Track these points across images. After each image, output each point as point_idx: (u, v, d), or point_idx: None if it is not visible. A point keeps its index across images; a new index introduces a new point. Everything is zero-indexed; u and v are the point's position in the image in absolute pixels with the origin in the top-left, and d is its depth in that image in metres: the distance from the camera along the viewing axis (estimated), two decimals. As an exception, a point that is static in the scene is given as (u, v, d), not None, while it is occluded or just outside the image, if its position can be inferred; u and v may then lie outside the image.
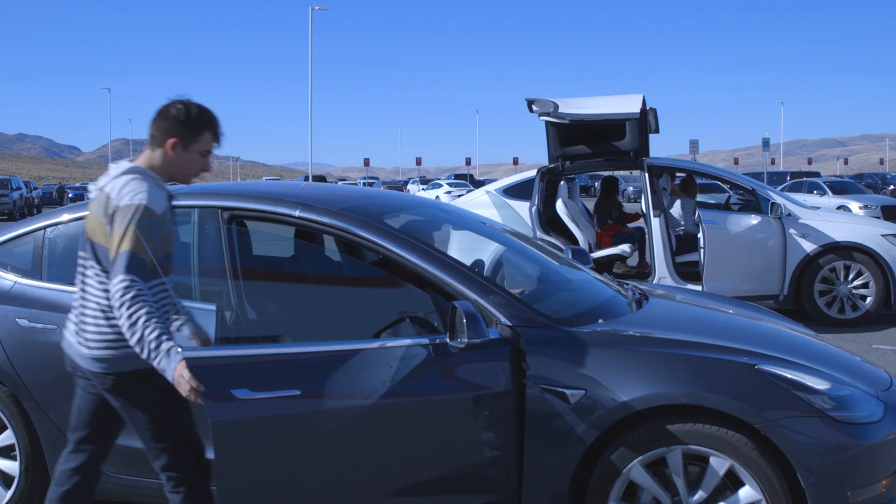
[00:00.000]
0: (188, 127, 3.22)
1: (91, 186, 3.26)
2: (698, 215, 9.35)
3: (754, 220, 9.37)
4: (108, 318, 3.13)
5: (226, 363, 3.13)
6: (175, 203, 3.37)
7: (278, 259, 4.37)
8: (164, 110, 3.25)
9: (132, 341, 2.91)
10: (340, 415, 3.25)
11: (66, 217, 4.24)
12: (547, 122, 9.86)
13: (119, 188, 3.09)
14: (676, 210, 10.47)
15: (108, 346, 3.14)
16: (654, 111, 10.32)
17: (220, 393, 3.06)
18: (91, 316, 3.16)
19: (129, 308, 2.90)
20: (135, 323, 2.89)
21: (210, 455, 3.18)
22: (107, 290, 3.10)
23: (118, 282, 2.93)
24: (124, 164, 3.21)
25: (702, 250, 9.15)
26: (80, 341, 3.19)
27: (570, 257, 4.89)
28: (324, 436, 3.25)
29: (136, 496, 3.93)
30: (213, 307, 3.70)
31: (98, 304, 3.15)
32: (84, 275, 3.22)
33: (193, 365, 2.96)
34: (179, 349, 2.88)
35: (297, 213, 3.80)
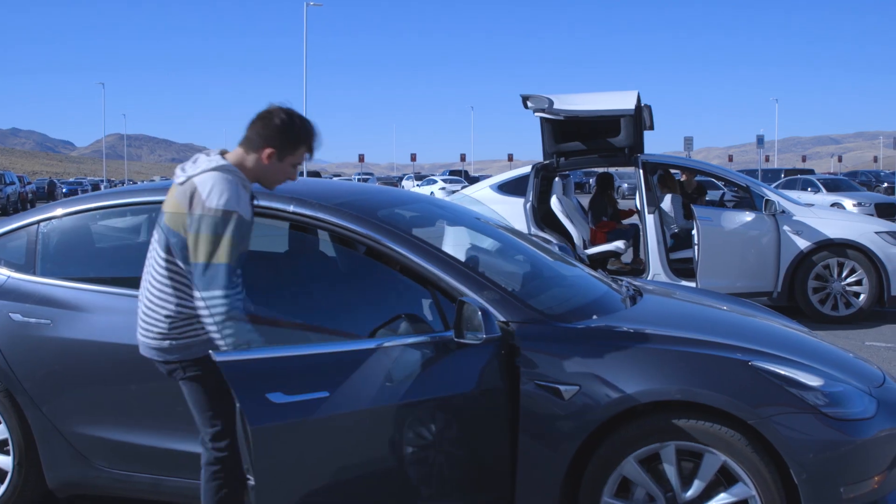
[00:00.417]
0: (287, 140, 3.18)
1: (178, 170, 3.19)
2: (693, 212, 9.37)
3: (748, 216, 9.38)
4: (165, 306, 3.17)
5: (259, 366, 3.02)
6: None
7: (272, 254, 4.36)
8: (267, 117, 3.18)
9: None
10: (363, 415, 3.20)
11: (59, 212, 4.23)
12: (542, 118, 9.86)
13: (209, 187, 3.04)
14: (667, 205, 10.49)
15: (164, 335, 3.19)
16: (649, 108, 10.32)
17: (258, 398, 2.99)
18: (152, 303, 3.20)
19: (223, 327, 2.96)
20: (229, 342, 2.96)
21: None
22: (167, 281, 3.13)
23: (205, 298, 2.96)
24: (216, 159, 3.14)
25: (696, 247, 9.16)
26: (141, 330, 3.26)
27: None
28: (350, 436, 3.21)
29: (128, 490, 3.93)
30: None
31: (161, 290, 3.18)
32: (154, 259, 3.22)
33: (227, 369, 2.94)
34: None
35: (291, 208, 3.79)
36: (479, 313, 3.18)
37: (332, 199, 3.88)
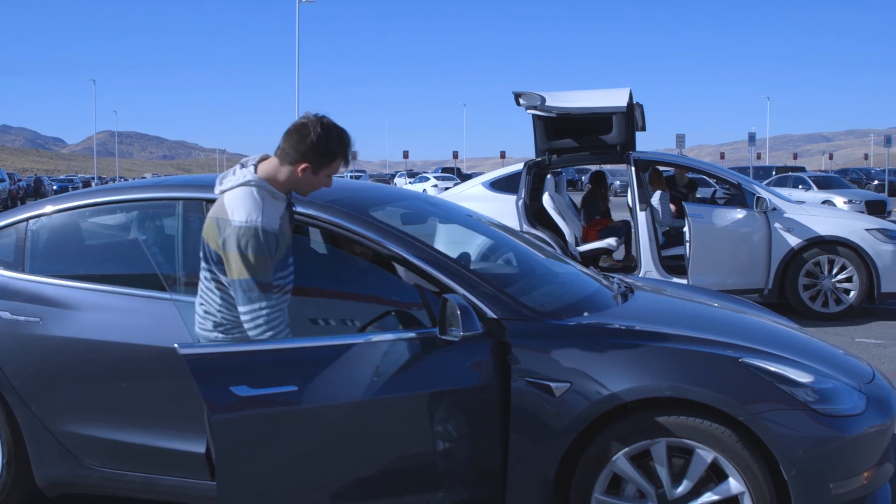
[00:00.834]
0: (323, 154, 3.17)
1: (217, 186, 3.25)
2: (683, 210, 9.39)
3: (740, 214, 9.41)
4: (213, 315, 3.23)
5: (225, 360, 3.09)
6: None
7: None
8: (302, 130, 3.15)
9: None
10: (334, 410, 3.23)
11: (49, 209, 4.22)
12: (534, 115, 9.86)
13: (235, 204, 3.08)
14: (655, 203, 10.53)
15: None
16: (641, 108, 10.33)
17: (220, 390, 3.03)
18: (204, 310, 3.27)
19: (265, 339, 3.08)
20: None
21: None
22: (215, 290, 3.20)
23: (244, 313, 3.07)
24: (246, 173, 3.18)
25: (687, 244, 9.18)
26: (198, 333, 3.31)
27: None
28: (319, 431, 3.23)
29: (120, 489, 3.91)
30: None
31: (209, 299, 3.24)
32: (201, 267, 3.29)
33: (191, 362, 3.01)
34: None
35: (282, 204, 3.78)
36: (458, 310, 3.18)
37: (323, 195, 3.87)
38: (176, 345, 3.07)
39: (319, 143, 3.14)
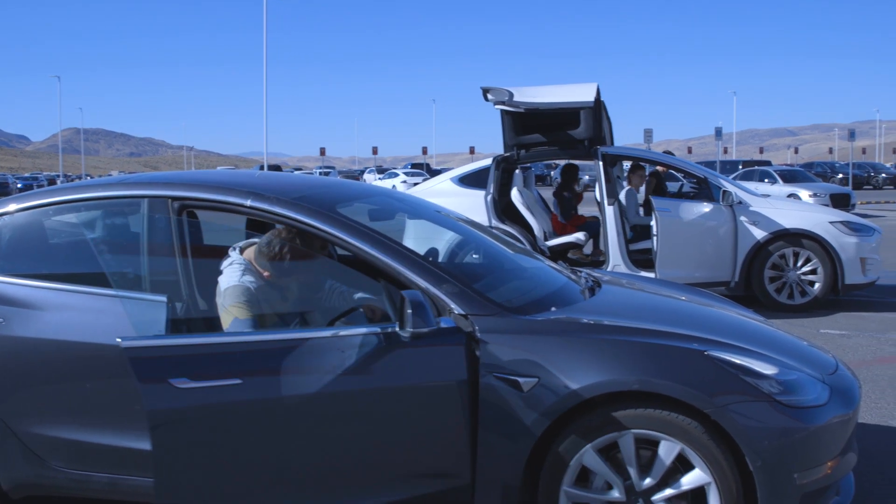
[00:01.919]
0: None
1: None
2: (651, 204, 9.45)
3: (706, 207, 9.49)
4: None
5: (166, 353, 3.15)
6: (127, 193, 3.49)
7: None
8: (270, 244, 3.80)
9: None
10: (284, 404, 3.26)
11: (12, 207, 4.16)
12: (502, 110, 9.88)
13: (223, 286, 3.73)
14: (622, 197, 10.60)
15: None
16: (603, 105, 10.37)
17: (158, 382, 3.08)
18: None
19: None
20: None
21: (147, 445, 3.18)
22: None
23: None
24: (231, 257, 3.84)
25: (655, 238, 9.25)
26: None
27: None
28: (267, 425, 3.25)
29: (85, 490, 3.87)
30: (163, 298, 3.67)
31: None
32: None
33: (134, 355, 3.05)
34: None
35: (248, 202, 3.77)
36: (411, 306, 3.19)
37: (291, 193, 3.86)
38: (118, 339, 3.09)
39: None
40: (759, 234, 9.40)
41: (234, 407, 3.19)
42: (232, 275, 3.71)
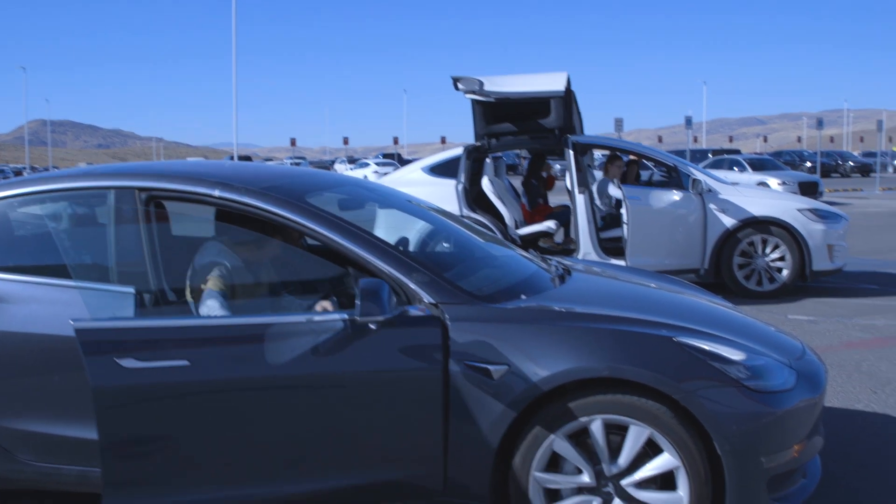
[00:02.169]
0: None
1: None
2: (618, 190, 9.51)
3: (676, 195, 9.55)
4: None
5: (114, 335, 3.22)
6: (94, 184, 3.48)
7: (198, 240, 4.29)
8: None
9: None
10: (235, 387, 3.30)
11: None
12: (473, 100, 9.88)
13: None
14: (595, 188, 10.65)
15: None
16: (573, 95, 10.39)
17: (106, 361, 3.16)
18: None
19: None
20: None
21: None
22: None
23: None
24: None
25: (625, 226, 9.30)
26: None
27: None
28: (216, 408, 3.30)
29: (55, 483, 3.84)
30: (131, 290, 3.64)
31: None
32: None
33: (84, 338, 3.11)
34: None
35: (216, 192, 3.74)
36: (361, 294, 3.22)
37: (260, 183, 3.84)
38: (71, 320, 3.14)
39: None
40: (728, 221, 9.48)
41: (182, 388, 3.24)
42: (207, 252, 3.77)
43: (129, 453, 3.22)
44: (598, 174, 11.44)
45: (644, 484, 3.32)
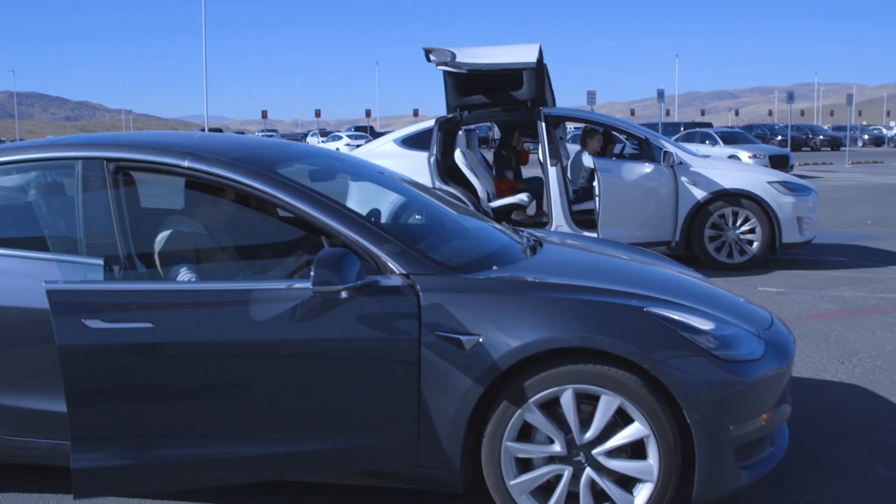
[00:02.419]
0: None
1: None
2: (593, 163, 9.53)
3: (647, 168, 9.59)
4: None
5: (83, 296, 3.28)
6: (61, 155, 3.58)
7: (168, 211, 4.26)
8: None
9: None
10: (200, 350, 3.34)
11: None
12: (445, 72, 9.84)
13: None
14: (569, 161, 10.64)
15: None
16: (545, 67, 10.36)
17: (72, 321, 3.23)
18: None
19: None
20: None
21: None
22: None
23: None
24: None
25: (597, 198, 9.33)
26: None
27: None
28: (179, 369, 3.35)
29: (26, 457, 3.81)
30: (100, 261, 3.61)
31: None
32: None
33: (53, 296, 3.21)
34: None
35: (186, 163, 3.71)
36: (315, 263, 3.24)
37: (229, 153, 3.81)
38: (44, 282, 3.23)
39: None
40: (699, 194, 9.53)
41: (146, 349, 3.30)
42: (174, 223, 3.81)
43: (93, 410, 3.27)
44: (573, 147, 11.43)
45: (615, 453, 3.34)
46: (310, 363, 3.38)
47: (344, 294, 3.32)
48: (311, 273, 3.25)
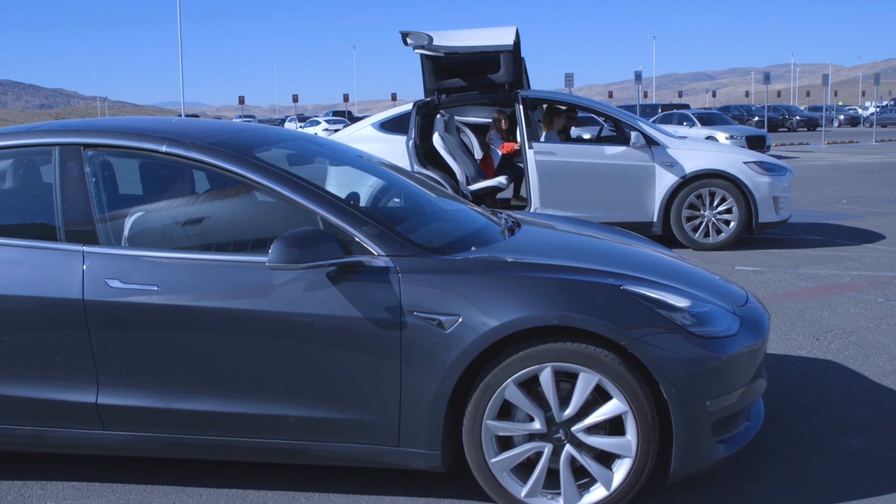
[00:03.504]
0: None
1: None
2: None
3: (625, 150, 9.64)
4: None
5: (108, 259, 3.62)
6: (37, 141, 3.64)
7: (146, 197, 4.25)
8: None
9: None
10: (193, 314, 3.52)
11: None
12: (422, 55, 9.83)
13: None
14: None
15: None
16: (523, 60, 10.36)
17: (100, 281, 3.57)
18: None
19: None
20: None
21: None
22: None
23: None
24: None
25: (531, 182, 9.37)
26: None
27: None
28: (176, 328, 3.55)
29: (8, 444, 3.80)
30: (80, 248, 3.62)
31: None
32: None
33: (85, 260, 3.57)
34: None
35: (163, 148, 3.72)
36: (278, 241, 3.33)
37: (207, 138, 3.81)
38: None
39: None
40: (677, 175, 9.60)
41: (153, 309, 3.55)
42: (149, 208, 3.90)
43: (121, 364, 3.63)
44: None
45: (594, 429, 3.39)
46: (289, 337, 3.48)
47: (304, 273, 3.43)
48: (269, 249, 3.34)
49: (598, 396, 3.37)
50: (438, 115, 10.38)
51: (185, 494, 3.80)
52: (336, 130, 31.06)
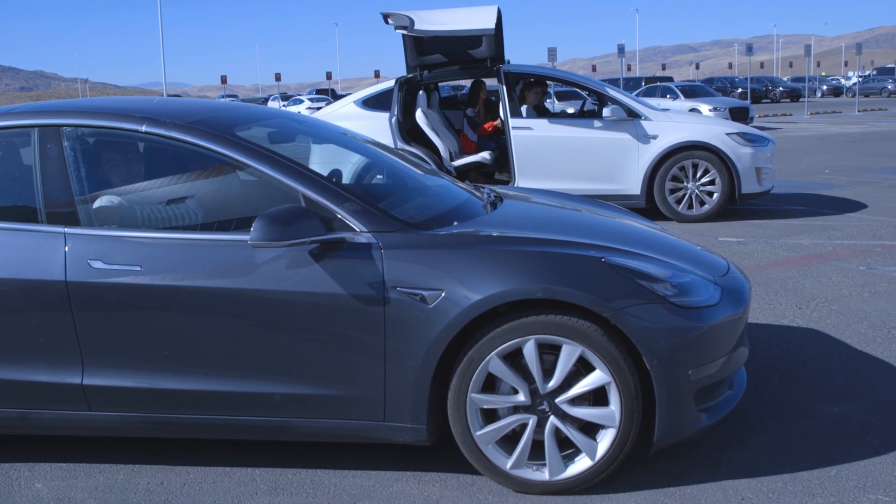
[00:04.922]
0: None
1: None
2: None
3: (606, 123, 9.65)
4: None
5: (90, 241, 3.63)
6: (16, 123, 3.61)
7: (128, 176, 4.23)
8: None
9: None
10: (174, 293, 3.53)
11: None
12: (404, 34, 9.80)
13: None
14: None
15: None
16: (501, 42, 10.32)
17: (82, 262, 3.57)
18: None
19: None
20: None
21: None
22: None
23: None
24: None
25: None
26: None
27: None
28: (157, 306, 3.56)
29: (-6, 426, 3.82)
30: (61, 229, 3.62)
31: None
32: None
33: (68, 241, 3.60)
34: None
35: (143, 128, 3.71)
36: (262, 220, 3.34)
37: (187, 117, 3.80)
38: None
39: None
40: (660, 147, 9.62)
41: (135, 289, 3.56)
42: (132, 188, 3.89)
43: (104, 343, 3.64)
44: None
45: (577, 401, 3.42)
46: (274, 314, 3.49)
47: (287, 251, 3.45)
48: (252, 227, 3.35)
49: (582, 368, 3.40)
50: (421, 92, 10.35)
51: (173, 473, 3.82)
52: (318, 108, 30.97)
